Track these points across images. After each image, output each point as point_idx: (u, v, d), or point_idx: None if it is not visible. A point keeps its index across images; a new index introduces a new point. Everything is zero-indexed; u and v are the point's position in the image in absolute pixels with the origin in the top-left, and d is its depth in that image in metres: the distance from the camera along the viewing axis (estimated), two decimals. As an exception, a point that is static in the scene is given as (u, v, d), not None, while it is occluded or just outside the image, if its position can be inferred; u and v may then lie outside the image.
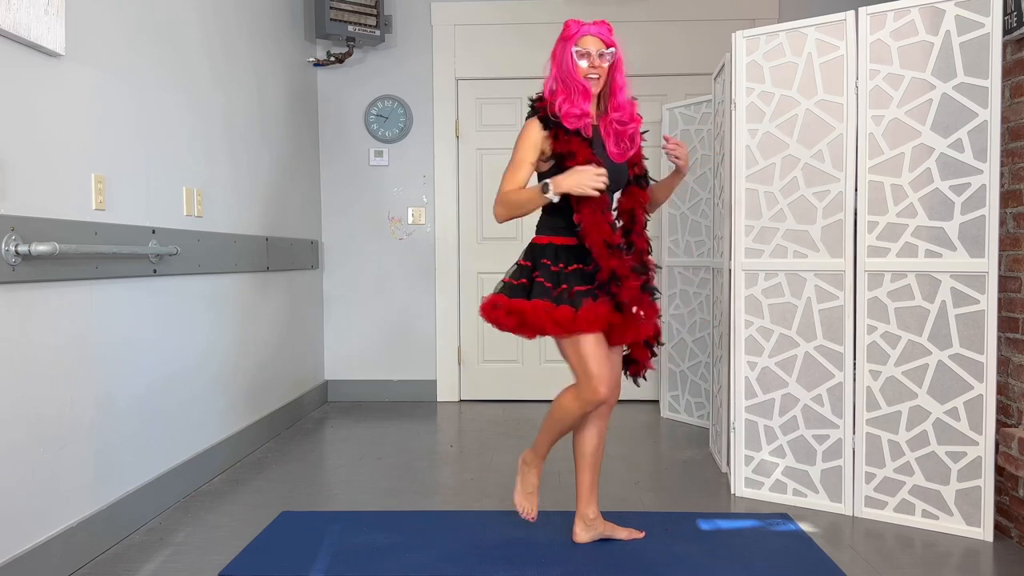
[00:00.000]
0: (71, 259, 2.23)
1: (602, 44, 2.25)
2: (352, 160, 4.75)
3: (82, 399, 2.32)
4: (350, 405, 4.68)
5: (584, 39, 2.24)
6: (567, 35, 2.26)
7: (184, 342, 2.96)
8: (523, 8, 4.63)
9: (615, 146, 2.27)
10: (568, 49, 2.24)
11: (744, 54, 2.84)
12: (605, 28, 2.28)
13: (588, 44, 2.23)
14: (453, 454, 3.54)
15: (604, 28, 2.28)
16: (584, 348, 2.18)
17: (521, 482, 2.44)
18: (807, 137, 2.73)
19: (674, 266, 4.23)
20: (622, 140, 2.27)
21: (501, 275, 2.35)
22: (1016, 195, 2.50)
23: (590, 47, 2.23)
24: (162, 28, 2.83)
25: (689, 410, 4.18)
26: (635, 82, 4.63)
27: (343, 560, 2.31)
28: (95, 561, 2.33)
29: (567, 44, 2.25)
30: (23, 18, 2.03)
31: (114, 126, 2.52)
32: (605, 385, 2.19)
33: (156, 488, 2.71)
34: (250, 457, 3.49)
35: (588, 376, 2.19)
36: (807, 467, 2.78)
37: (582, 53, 2.22)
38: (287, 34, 4.21)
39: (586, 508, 2.43)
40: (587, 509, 2.43)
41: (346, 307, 4.79)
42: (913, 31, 2.53)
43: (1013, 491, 2.47)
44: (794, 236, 2.77)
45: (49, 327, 2.18)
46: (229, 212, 3.40)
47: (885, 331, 2.62)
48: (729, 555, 2.33)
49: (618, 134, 2.27)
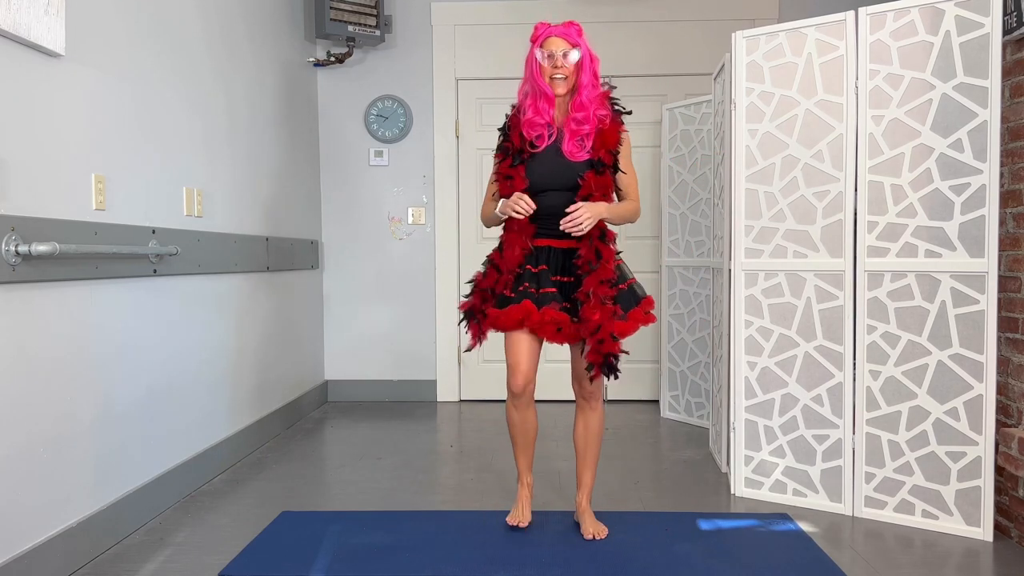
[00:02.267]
0: (71, 259, 2.23)
1: (567, 44, 2.34)
2: (352, 160, 4.75)
3: (82, 399, 2.32)
4: (350, 405, 4.68)
5: (549, 40, 2.34)
6: (533, 37, 2.38)
7: (184, 342, 2.96)
8: (523, 8, 4.63)
9: (571, 145, 2.37)
10: (533, 51, 2.37)
11: (744, 54, 2.84)
12: (573, 29, 2.36)
13: (552, 45, 2.33)
14: (453, 454, 3.54)
15: (571, 29, 2.37)
16: (505, 342, 2.45)
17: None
18: (807, 137, 2.73)
19: (674, 266, 4.23)
20: (575, 140, 2.37)
21: None
22: (1016, 195, 2.50)
23: (554, 48, 2.33)
24: (162, 28, 2.83)
25: (689, 410, 4.18)
26: (635, 82, 4.69)
27: (343, 560, 2.31)
28: (95, 561, 2.33)
29: (533, 47, 2.37)
30: (23, 18, 2.03)
31: (114, 126, 2.52)
32: (516, 375, 2.42)
33: (156, 488, 2.72)
34: (250, 457, 3.49)
35: (507, 367, 2.46)
36: (807, 467, 2.78)
37: (546, 54, 2.34)
38: (287, 34, 4.21)
39: (579, 495, 2.56)
40: (578, 497, 2.57)
41: (346, 307, 4.79)
42: (913, 31, 2.53)
43: (1013, 491, 2.47)
44: (794, 236, 2.77)
45: (49, 327, 2.18)
46: (229, 212, 3.40)
47: (885, 331, 2.62)
48: (729, 555, 2.33)
49: (572, 134, 2.37)
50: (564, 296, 2.38)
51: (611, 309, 2.33)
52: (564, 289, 2.39)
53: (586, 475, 2.55)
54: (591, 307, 2.30)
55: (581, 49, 2.35)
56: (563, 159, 2.37)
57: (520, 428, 2.54)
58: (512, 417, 2.53)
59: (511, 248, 2.40)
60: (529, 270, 2.39)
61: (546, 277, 2.38)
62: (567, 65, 2.33)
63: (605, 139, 2.38)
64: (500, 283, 2.41)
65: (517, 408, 2.51)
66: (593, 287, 2.32)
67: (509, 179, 2.39)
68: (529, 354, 2.43)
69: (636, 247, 4.71)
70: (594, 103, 2.38)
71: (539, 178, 2.38)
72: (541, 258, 2.40)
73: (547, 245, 2.41)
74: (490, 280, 2.43)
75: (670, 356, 4.27)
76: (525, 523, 2.53)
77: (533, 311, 2.33)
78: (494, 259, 2.45)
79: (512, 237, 2.41)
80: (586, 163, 2.37)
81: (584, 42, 2.37)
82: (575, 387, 2.51)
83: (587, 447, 2.54)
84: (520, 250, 2.40)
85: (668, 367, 4.29)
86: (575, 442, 2.57)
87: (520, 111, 2.43)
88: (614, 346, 2.32)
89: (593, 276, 2.33)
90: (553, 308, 2.33)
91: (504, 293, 2.39)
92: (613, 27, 4.64)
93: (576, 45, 2.34)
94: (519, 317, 2.34)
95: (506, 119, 2.48)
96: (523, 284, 2.38)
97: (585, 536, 2.46)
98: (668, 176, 4.22)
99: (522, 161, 2.39)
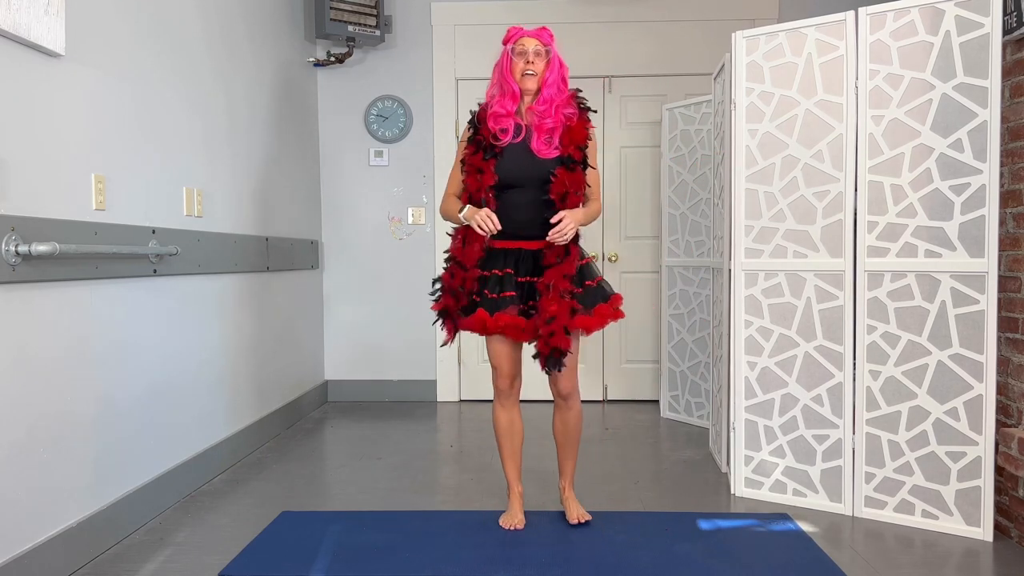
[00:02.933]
0: (71, 259, 2.23)
1: (539, 44, 2.44)
2: (352, 160, 4.75)
3: (82, 399, 2.32)
4: (350, 405, 4.68)
5: (522, 40, 2.45)
6: (506, 38, 2.48)
7: (184, 342, 2.96)
8: (523, 8, 4.63)
9: (539, 143, 2.43)
10: (506, 50, 2.46)
11: (744, 54, 2.84)
12: (545, 33, 2.47)
13: (525, 44, 2.43)
14: (453, 454, 3.54)
15: (543, 32, 2.47)
16: (486, 345, 2.55)
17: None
18: (807, 137, 2.73)
19: (674, 266, 4.23)
20: (542, 137, 2.43)
21: None
22: (1016, 195, 2.50)
23: (527, 46, 2.43)
24: (162, 28, 2.83)
25: (689, 410, 4.18)
26: (635, 82, 4.69)
27: (343, 560, 2.31)
28: (95, 561, 2.33)
29: (505, 46, 2.47)
30: (23, 18, 2.03)
31: (114, 126, 2.52)
32: (500, 376, 2.54)
33: (156, 488, 2.72)
34: (250, 457, 3.49)
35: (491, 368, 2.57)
36: (807, 467, 2.78)
37: (519, 52, 2.43)
38: (287, 34, 4.21)
39: (562, 481, 2.68)
40: (561, 484, 2.68)
41: (346, 307, 4.79)
42: (913, 31, 2.53)
43: (1013, 491, 2.47)
44: (794, 236, 2.77)
45: (49, 327, 2.18)
46: (229, 212, 3.40)
47: (885, 331, 2.62)
48: (729, 555, 2.33)
49: (539, 129, 2.44)
50: (532, 296, 2.42)
51: (569, 304, 2.36)
52: (532, 289, 2.42)
53: (567, 464, 2.65)
54: (549, 299, 2.35)
55: (551, 51, 2.45)
56: (532, 156, 2.42)
57: (507, 431, 2.60)
58: (500, 418, 2.60)
59: (471, 244, 2.44)
60: (495, 274, 2.43)
61: (510, 280, 2.42)
62: (538, 63, 2.42)
63: (573, 136, 2.43)
64: (467, 280, 2.45)
65: (504, 407, 2.59)
66: (554, 279, 2.36)
67: (479, 172, 2.43)
68: (508, 355, 2.52)
69: (636, 247, 4.71)
70: (559, 102, 2.44)
71: (508, 174, 2.42)
72: (509, 261, 2.44)
73: (517, 247, 2.45)
74: (457, 280, 2.46)
75: (670, 356, 4.27)
76: (521, 526, 2.57)
77: (486, 319, 2.39)
78: (455, 255, 2.48)
79: (474, 233, 2.43)
80: (555, 160, 2.41)
81: (554, 47, 2.47)
82: (551, 387, 2.57)
83: (566, 442, 2.64)
84: (479, 247, 2.43)
85: (668, 367, 4.29)
86: (555, 437, 2.65)
87: (488, 107, 2.49)
88: (564, 340, 2.36)
89: (555, 269, 2.37)
90: (510, 312, 2.38)
91: (471, 299, 2.45)
92: (613, 27, 4.64)
93: (547, 46, 2.44)
94: (478, 327, 2.43)
95: (472, 115, 2.53)
96: (485, 289, 2.43)
97: (571, 520, 2.57)
98: (668, 176, 4.22)
99: (494, 155, 2.43)
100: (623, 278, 4.69)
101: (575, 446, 2.64)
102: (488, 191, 2.42)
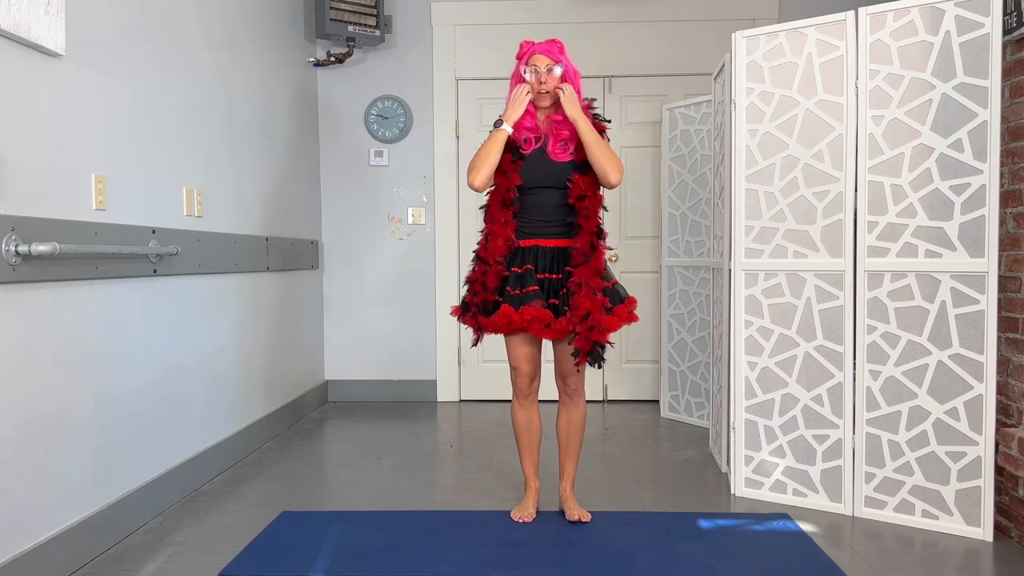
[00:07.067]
0: (71, 259, 2.23)
1: (551, 60, 2.52)
2: (352, 160, 4.75)
3: (82, 399, 2.32)
4: (350, 405, 4.68)
5: (534, 57, 2.53)
6: (519, 55, 2.58)
7: (184, 342, 2.96)
8: (523, 8, 4.63)
9: (555, 147, 2.55)
10: (519, 68, 2.57)
11: (744, 54, 2.84)
12: (555, 47, 2.55)
13: (537, 61, 2.53)
14: (453, 454, 3.54)
15: (554, 46, 2.55)
16: (505, 345, 2.62)
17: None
18: (807, 137, 2.73)
19: (674, 266, 4.23)
20: (558, 143, 2.55)
21: None
22: (1016, 195, 2.50)
23: (539, 64, 2.52)
24: (162, 29, 2.83)
25: (689, 410, 4.18)
26: (635, 82, 4.69)
27: (343, 560, 2.31)
28: (95, 561, 2.33)
29: (519, 64, 2.57)
30: (23, 18, 2.03)
31: (114, 126, 2.52)
32: (520, 375, 2.61)
33: (156, 488, 2.72)
34: (250, 457, 3.49)
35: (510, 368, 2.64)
36: (807, 467, 2.78)
37: (532, 70, 2.52)
38: (287, 34, 4.21)
39: (562, 484, 2.70)
40: (562, 485, 2.70)
41: (346, 307, 4.79)
42: (913, 31, 2.53)
43: (1013, 491, 2.47)
44: (794, 236, 2.77)
45: (49, 327, 2.18)
46: (229, 212, 3.40)
47: (885, 331, 2.62)
48: (729, 555, 2.34)
49: (555, 137, 2.55)
50: (552, 293, 2.49)
51: (601, 300, 2.45)
52: (552, 286, 2.50)
53: (568, 465, 2.69)
54: (582, 296, 2.42)
55: (563, 64, 2.53)
56: (549, 161, 2.54)
57: (525, 428, 2.68)
58: (518, 416, 2.68)
59: (495, 239, 2.53)
60: (515, 272, 2.51)
61: (530, 276, 2.50)
62: (551, 80, 2.51)
63: None
64: (490, 274, 2.51)
65: (523, 406, 2.67)
66: (586, 277, 2.43)
67: (505, 174, 2.53)
68: (528, 354, 2.60)
69: (636, 247, 4.71)
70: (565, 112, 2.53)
71: (528, 177, 2.55)
72: (528, 258, 2.53)
73: (535, 245, 2.54)
74: (479, 273, 2.55)
75: (670, 356, 4.27)
76: (530, 519, 2.62)
77: (512, 314, 2.45)
78: (479, 252, 2.57)
79: (496, 229, 2.53)
80: (570, 164, 2.53)
81: (566, 58, 2.55)
82: (558, 384, 2.64)
83: (570, 442, 2.69)
84: (503, 241, 2.52)
85: (668, 367, 4.29)
86: (558, 436, 2.70)
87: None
88: (603, 335, 2.44)
89: (586, 267, 2.45)
90: (535, 306, 2.45)
91: (493, 298, 2.51)
92: (613, 27, 4.64)
93: (559, 61, 2.52)
94: (503, 323, 2.49)
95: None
96: (507, 287, 2.50)
97: (569, 519, 2.60)
98: (668, 176, 4.22)
99: (521, 157, 2.55)
100: (623, 278, 4.68)
101: (578, 445, 2.68)
102: (514, 191, 2.52)
